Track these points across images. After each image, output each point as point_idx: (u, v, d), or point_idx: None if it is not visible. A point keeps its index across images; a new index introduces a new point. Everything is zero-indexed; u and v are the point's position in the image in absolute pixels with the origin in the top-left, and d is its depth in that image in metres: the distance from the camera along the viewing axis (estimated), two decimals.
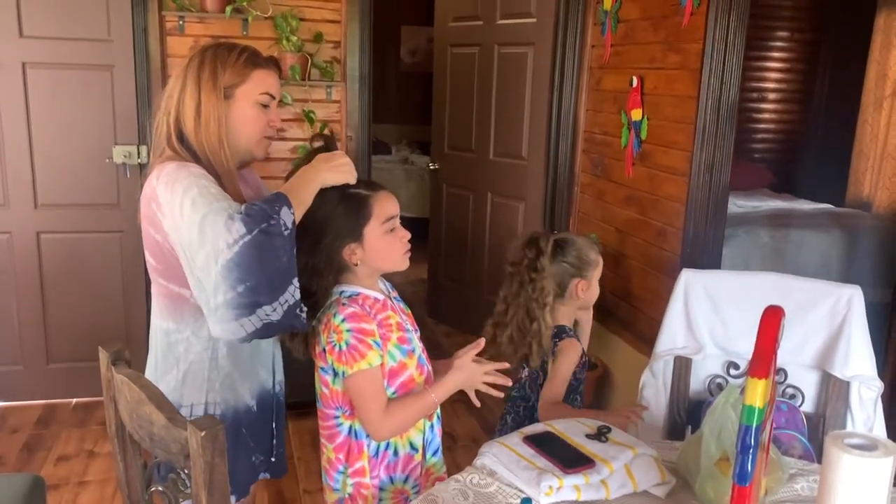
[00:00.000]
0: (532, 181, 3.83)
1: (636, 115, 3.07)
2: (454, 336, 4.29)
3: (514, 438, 1.50)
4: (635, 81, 3.07)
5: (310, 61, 3.31)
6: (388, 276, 1.71)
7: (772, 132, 5.98)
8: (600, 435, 1.49)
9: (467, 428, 3.26)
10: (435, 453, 1.65)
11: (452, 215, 4.39)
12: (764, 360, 1.01)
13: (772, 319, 1.05)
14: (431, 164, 4.51)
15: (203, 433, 1.02)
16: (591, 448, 1.44)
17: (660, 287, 2.96)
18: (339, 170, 1.51)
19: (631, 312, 3.21)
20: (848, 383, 1.88)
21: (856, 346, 1.85)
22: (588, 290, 2.18)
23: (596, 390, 3.33)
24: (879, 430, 1.90)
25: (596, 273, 2.20)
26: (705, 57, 2.59)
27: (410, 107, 7.57)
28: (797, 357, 1.94)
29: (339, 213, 1.51)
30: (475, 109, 4.13)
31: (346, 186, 1.52)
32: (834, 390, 1.90)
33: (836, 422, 1.90)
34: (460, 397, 3.58)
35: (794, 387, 1.97)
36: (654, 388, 2.08)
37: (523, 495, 1.35)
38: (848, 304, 1.88)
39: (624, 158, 3.18)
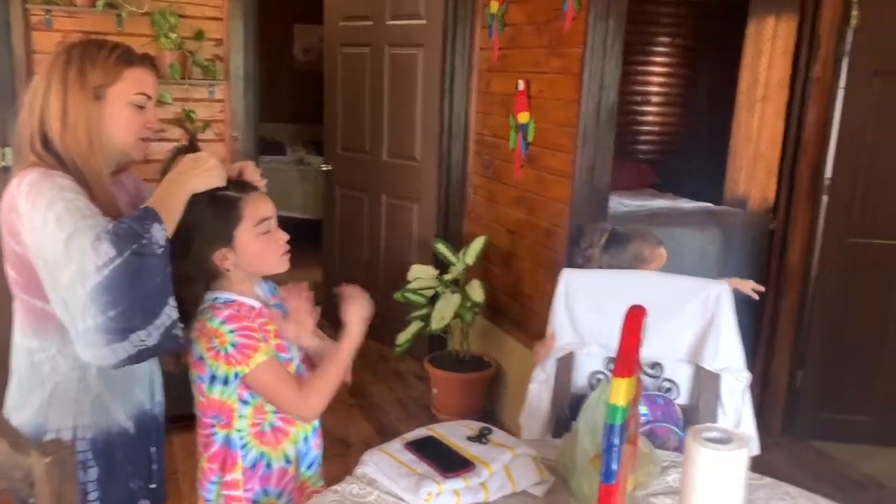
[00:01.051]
0: (426, 182, 3.83)
1: (523, 118, 3.12)
2: None
3: (396, 445, 1.49)
4: (522, 85, 3.12)
5: (190, 59, 3.18)
6: (278, 280, 1.67)
7: (656, 134, 6.24)
8: (481, 437, 1.50)
9: (362, 433, 3.23)
10: (310, 466, 1.61)
11: (346, 217, 4.33)
12: (627, 359, 1.03)
13: (634, 319, 1.08)
14: (324, 165, 4.44)
15: (48, 459, 0.95)
16: (471, 451, 1.45)
17: (549, 286, 3.01)
18: (207, 174, 1.44)
19: (523, 312, 3.26)
20: (718, 375, 1.96)
21: (725, 340, 1.94)
22: None
23: (489, 390, 3.37)
24: (747, 420, 2.00)
25: (650, 264, 2.22)
26: (585, 61, 2.66)
27: (305, 106, 7.43)
28: (672, 352, 2.02)
29: (208, 216, 1.45)
30: (368, 110, 4.10)
31: (215, 189, 1.46)
32: (705, 382, 1.99)
33: (708, 413, 1.99)
34: (356, 401, 3.55)
35: (670, 380, 2.05)
36: (541, 384, 2.11)
37: (403, 503, 1.34)
38: (717, 300, 1.97)
39: (513, 160, 3.23)
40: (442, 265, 3.40)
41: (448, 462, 1.40)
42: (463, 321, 3.22)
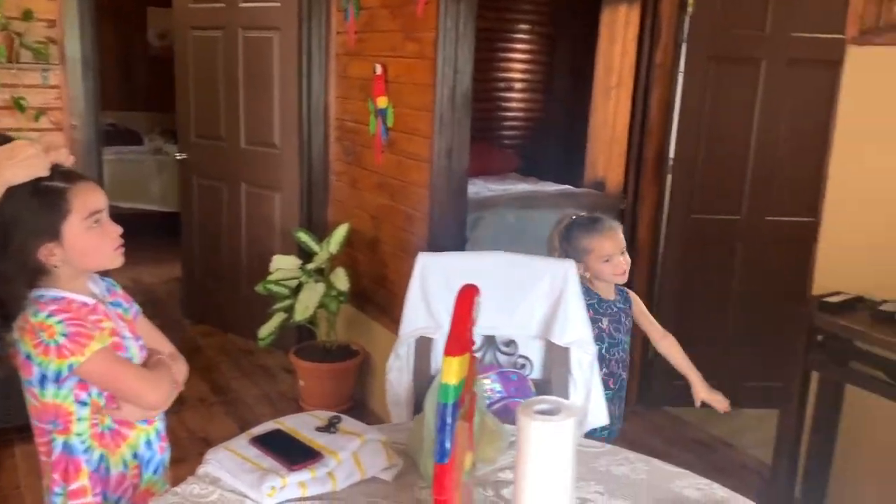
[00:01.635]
0: (287, 170, 3.73)
1: (382, 102, 3.10)
2: (214, 336, 4.08)
3: (240, 441, 1.44)
4: (379, 69, 3.09)
5: (17, 41, 2.93)
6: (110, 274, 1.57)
7: (520, 120, 6.39)
8: (330, 426, 1.47)
9: (225, 431, 3.11)
10: (156, 471, 1.53)
11: (205, 208, 4.16)
12: (458, 338, 1.04)
13: (466, 298, 1.08)
14: (179, 154, 4.23)
15: None
16: (319, 441, 1.42)
17: (412, 272, 3.03)
18: (25, 164, 1.32)
19: (388, 298, 3.25)
20: (568, 349, 2.03)
21: (572, 315, 2.01)
22: (591, 273, 2.17)
23: (358, 378, 3.34)
24: (597, 390, 2.08)
25: (594, 258, 2.15)
26: (439, 46, 2.67)
27: (162, 93, 7.03)
28: (525, 329, 2.07)
29: (31, 209, 1.34)
30: (223, 96, 3.94)
31: (38, 180, 1.34)
32: (556, 357, 2.05)
33: (560, 386, 2.05)
34: (217, 399, 3.43)
35: (524, 357, 2.10)
36: (399, 371, 2.11)
37: (248, 500, 1.29)
38: (564, 277, 2.03)
39: (373, 146, 3.20)
40: (306, 254, 3.33)
41: (294, 454, 1.37)
42: (328, 310, 3.17)
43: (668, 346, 2.31)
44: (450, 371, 1.02)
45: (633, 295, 2.30)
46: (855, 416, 2.52)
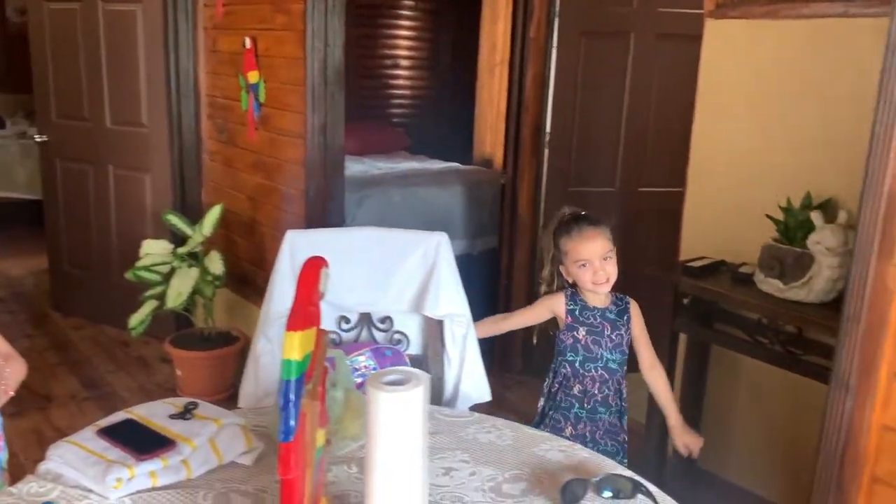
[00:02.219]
0: (157, 150, 3.55)
1: (253, 77, 2.99)
2: (86, 328, 3.84)
3: (87, 433, 1.35)
4: (249, 43, 2.97)
5: None
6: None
7: (408, 98, 6.34)
8: (186, 412, 1.40)
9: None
10: None
11: (71, 193, 3.90)
12: (301, 311, 1.00)
13: (309, 271, 1.05)
14: (38, 136, 3.94)
15: None
16: (173, 428, 1.35)
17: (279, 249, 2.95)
18: None
19: (267, 281, 3.15)
20: (441, 322, 2.03)
21: (445, 288, 2.00)
22: (570, 276, 1.97)
23: (239, 365, 3.23)
24: (473, 362, 2.09)
25: (570, 261, 1.93)
26: (308, 18, 2.58)
27: (24, 72, 6.57)
28: (399, 304, 2.05)
29: None
30: (84, 73, 3.69)
31: None
32: (431, 331, 2.05)
33: (436, 359, 2.05)
34: (90, 394, 3.24)
35: (401, 332, 2.09)
36: (272, 354, 2.05)
37: (92, 496, 1.21)
38: (436, 249, 2.02)
39: (246, 123, 3.09)
40: (180, 239, 3.18)
41: (144, 444, 1.29)
42: (203, 296, 3.05)
43: (655, 378, 2.01)
44: (292, 346, 0.98)
45: (635, 309, 2.01)
46: (720, 373, 2.66)
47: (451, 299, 2.01)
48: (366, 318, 2.08)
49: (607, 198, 3.42)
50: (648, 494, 1.26)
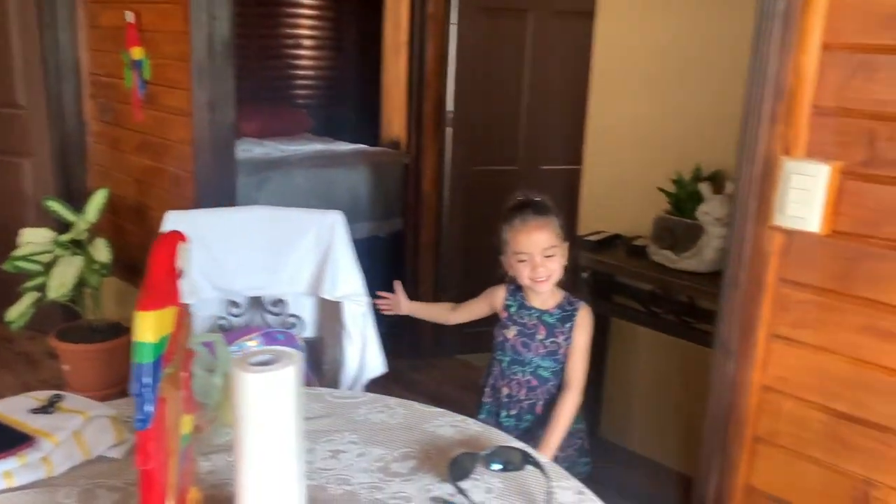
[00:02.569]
0: (36, 133, 3.32)
1: (137, 53, 2.82)
2: None
3: None
4: (131, 16, 2.81)
5: None
6: None
7: (311, 78, 6.19)
8: (49, 406, 1.30)
9: None
10: None
11: None
12: (153, 290, 0.92)
13: (163, 247, 0.97)
14: None
15: None
16: (34, 424, 1.25)
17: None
18: None
19: None
20: (340, 303, 1.97)
21: (342, 268, 1.95)
22: (510, 269, 1.77)
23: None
24: (372, 342, 2.04)
25: (509, 252, 1.74)
26: None
27: None
28: (293, 287, 1.98)
29: None
30: None
31: None
32: (329, 313, 1.99)
33: (334, 342, 2.00)
34: None
35: (295, 316, 2.02)
36: None
37: None
38: (331, 229, 1.96)
39: (131, 102, 2.92)
40: (65, 226, 2.99)
41: None
42: (90, 286, 2.87)
43: (564, 399, 1.75)
44: (144, 328, 0.90)
45: (583, 318, 1.78)
46: (620, 345, 2.71)
47: (348, 280, 1.95)
48: (257, 302, 2.00)
49: (511, 176, 3.42)
50: (537, 465, 1.25)
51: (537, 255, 1.69)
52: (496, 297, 1.85)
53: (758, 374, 1.38)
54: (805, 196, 1.27)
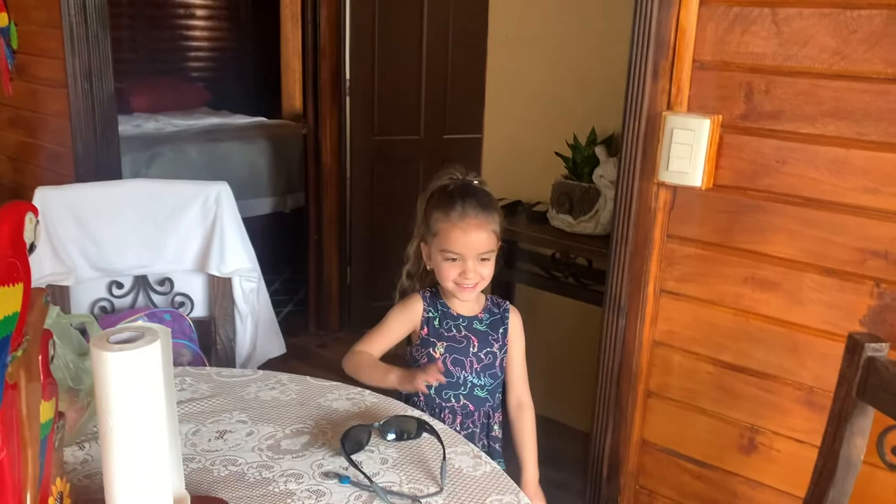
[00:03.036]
0: None
1: (1, 20, 2.60)
2: None
3: None
4: None
5: None
6: None
7: (206, 50, 5.93)
8: None
9: None
10: None
11: None
12: None
13: (5, 220, 0.88)
14: None
15: None
16: None
17: None
18: None
19: None
20: (230, 280, 1.89)
21: (230, 243, 1.86)
22: (430, 263, 1.46)
23: None
24: (267, 319, 1.97)
25: (436, 246, 1.42)
26: None
27: None
28: (179, 264, 1.88)
29: None
30: None
31: None
32: (219, 289, 1.90)
33: (226, 319, 1.91)
34: None
35: (183, 294, 1.92)
36: None
37: None
38: (217, 201, 1.86)
39: (0, 73, 2.70)
40: None
41: None
42: None
43: (523, 419, 1.52)
44: None
45: (515, 320, 1.53)
46: (523, 310, 2.72)
47: (237, 254, 1.87)
48: (142, 282, 1.89)
49: (413, 146, 3.38)
50: (433, 432, 1.23)
51: (471, 258, 1.39)
52: (412, 312, 1.49)
53: (647, 329, 1.40)
54: (687, 151, 1.29)
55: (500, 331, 1.50)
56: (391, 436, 1.22)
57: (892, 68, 1.12)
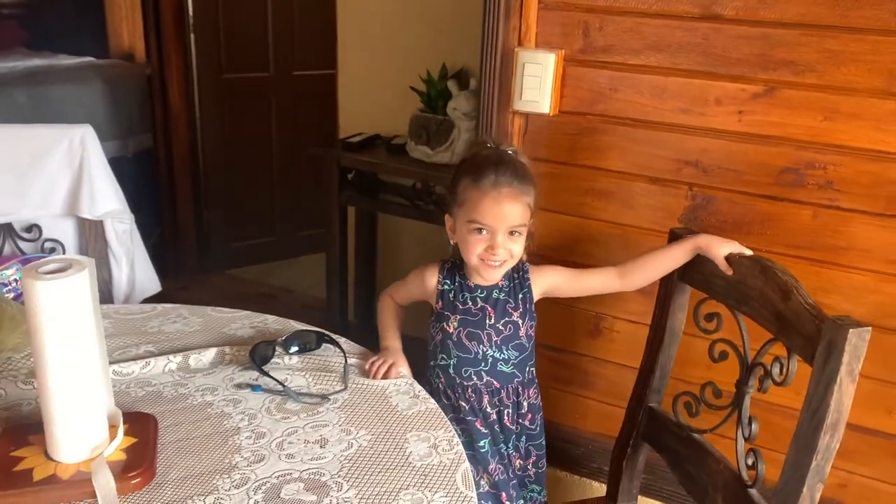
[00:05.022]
0: None
1: None
2: None
3: None
4: None
5: None
6: None
7: None
8: None
9: None
10: None
11: None
12: None
13: None
14: None
15: None
16: None
17: None
18: None
19: None
20: (101, 222, 1.89)
21: (99, 185, 1.86)
22: (453, 236, 1.36)
23: None
24: (142, 259, 2.00)
25: (462, 216, 1.31)
26: None
27: None
28: (46, 209, 1.86)
29: None
30: None
31: None
32: (91, 233, 1.90)
33: (100, 262, 1.92)
34: None
35: (54, 240, 1.90)
36: None
37: None
38: (82, 143, 1.85)
39: None
40: None
41: None
42: None
43: (641, 262, 1.35)
44: None
45: (541, 272, 1.40)
46: (387, 239, 2.90)
47: (107, 197, 1.87)
48: (6, 229, 1.85)
49: (263, 83, 3.38)
50: (333, 342, 1.37)
51: (501, 230, 1.28)
52: (426, 283, 1.41)
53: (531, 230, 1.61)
54: (537, 83, 1.48)
55: (521, 296, 1.37)
56: (294, 348, 1.36)
57: (698, 8, 1.36)
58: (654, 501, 1.65)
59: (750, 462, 1.19)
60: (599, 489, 1.67)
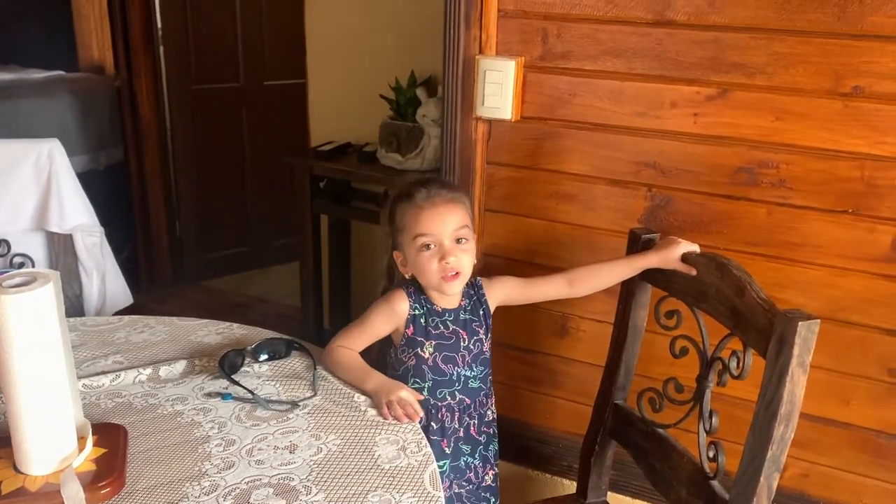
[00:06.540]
0: None
1: None
2: None
3: None
4: None
5: None
6: None
7: None
8: None
9: None
10: None
11: None
12: None
13: None
14: None
15: None
16: None
17: None
18: None
19: None
20: (71, 236, 1.89)
21: (67, 198, 1.86)
22: (407, 269, 1.36)
23: None
24: (112, 272, 2.00)
25: (407, 239, 1.32)
26: None
27: None
28: (15, 224, 1.86)
29: None
30: None
31: None
32: (60, 247, 1.90)
33: (70, 276, 1.92)
34: None
35: (23, 254, 1.90)
36: None
37: None
38: (49, 158, 1.85)
39: None
40: None
41: None
42: None
43: (588, 272, 1.41)
44: None
45: (494, 284, 1.42)
46: (360, 245, 2.91)
47: (76, 210, 1.88)
48: None
49: (234, 93, 3.39)
50: (302, 349, 1.39)
51: (447, 238, 1.29)
52: (396, 312, 1.37)
53: (477, 244, 1.64)
54: (498, 89, 1.51)
55: (481, 312, 1.40)
56: (263, 356, 1.37)
57: (651, 14, 1.40)
58: (623, 497, 1.68)
59: (711, 454, 1.23)
60: (571, 487, 1.70)
